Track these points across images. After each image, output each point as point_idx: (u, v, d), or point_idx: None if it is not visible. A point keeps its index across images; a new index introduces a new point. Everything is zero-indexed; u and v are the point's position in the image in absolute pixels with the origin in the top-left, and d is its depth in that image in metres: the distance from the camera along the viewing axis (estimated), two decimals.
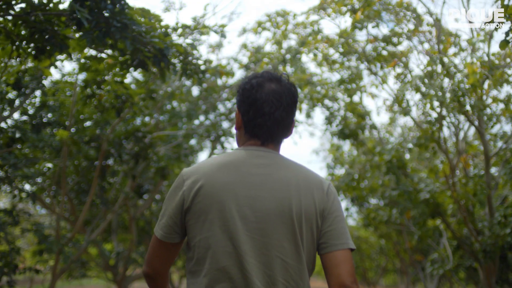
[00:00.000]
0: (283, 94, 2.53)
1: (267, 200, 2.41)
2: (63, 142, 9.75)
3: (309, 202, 2.45)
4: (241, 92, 2.59)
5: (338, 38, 10.79)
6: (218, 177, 2.43)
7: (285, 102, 2.54)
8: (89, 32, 6.19)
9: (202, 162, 2.57)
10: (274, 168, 2.50)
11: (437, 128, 9.90)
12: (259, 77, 2.58)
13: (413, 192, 10.84)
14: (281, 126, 2.56)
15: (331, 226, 2.48)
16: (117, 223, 15.88)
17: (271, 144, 2.59)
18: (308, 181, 2.51)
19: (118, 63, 7.29)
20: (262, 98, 2.51)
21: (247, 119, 2.56)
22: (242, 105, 2.57)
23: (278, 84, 2.56)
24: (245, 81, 2.61)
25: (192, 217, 2.44)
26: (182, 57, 7.90)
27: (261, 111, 2.51)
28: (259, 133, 2.55)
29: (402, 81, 10.51)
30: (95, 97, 8.22)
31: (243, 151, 2.55)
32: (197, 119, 15.08)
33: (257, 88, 2.54)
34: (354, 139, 12.81)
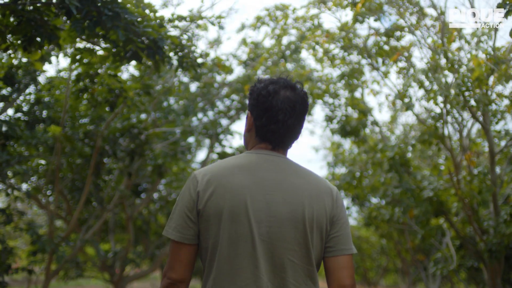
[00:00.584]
0: (296, 103, 2.61)
1: (281, 204, 2.48)
2: (56, 139, 9.48)
3: (320, 208, 2.56)
4: (256, 97, 2.65)
5: (339, 32, 10.51)
6: (232, 180, 2.49)
7: (298, 110, 2.62)
8: (79, 21, 5.92)
9: (214, 164, 2.62)
10: (288, 173, 2.58)
11: (441, 124, 9.63)
12: (275, 84, 2.64)
13: (416, 190, 10.61)
14: (292, 133, 2.65)
15: (339, 231, 2.60)
16: (115, 223, 15.66)
17: (281, 149, 2.68)
18: (319, 188, 2.61)
19: (111, 55, 7.01)
20: (278, 106, 2.58)
21: (260, 124, 2.64)
22: (256, 109, 2.65)
23: (292, 92, 2.63)
24: (261, 86, 2.66)
25: (207, 219, 2.48)
26: (178, 50, 7.63)
27: (275, 118, 2.59)
28: (271, 139, 2.64)
29: (405, 76, 10.25)
30: (87, 91, 7.95)
31: (255, 155, 2.64)
32: (195, 116, 14.84)
33: (273, 95, 2.60)
34: (355, 136, 12.54)
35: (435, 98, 8.69)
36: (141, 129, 10.84)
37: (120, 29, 6.01)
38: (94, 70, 7.82)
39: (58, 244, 10.01)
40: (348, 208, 18.38)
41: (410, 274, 18.98)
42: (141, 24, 6.25)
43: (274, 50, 13.21)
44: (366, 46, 10.80)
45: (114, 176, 12.68)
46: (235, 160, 2.60)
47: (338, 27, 10.61)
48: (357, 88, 12.01)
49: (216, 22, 7.83)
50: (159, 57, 7.11)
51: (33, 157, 10.33)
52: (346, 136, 12.58)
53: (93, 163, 9.75)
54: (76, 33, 6.61)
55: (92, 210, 12.86)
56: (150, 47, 6.90)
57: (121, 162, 11.74)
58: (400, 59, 10.19)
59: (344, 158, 18.00)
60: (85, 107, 10.53)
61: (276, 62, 13.56)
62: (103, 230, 15.76)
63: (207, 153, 16.13)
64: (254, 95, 2.66)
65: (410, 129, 14.24)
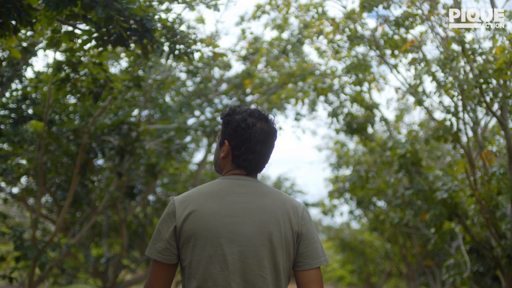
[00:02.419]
0: (269, 134, 2.94)
1: (250, 225, 2.77)
2: (39, 135, 8.75)
3: (287, 226, 2.82)
4: (235, 128, 2.92)
5: (345, 19, 9.77)
6: (205, 206, 2.79)
7: (271, 140, 2.96)
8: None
9: (192, 191, 2.90)
10: (256, 196, 2.86)
11: (456, 119, 8.92)
12: (252, 117, 2.92)
13: (429, 191, 9.90)
14: (265, 160, 2.99)
15: (306, 247, 2.86)
16: (108, 226, 14.99)
17: (254, 174, 2.99)
18: (286, 207, 2.86)
19: (93, 39, 6.26)
20: (256, 138, 2.89)
21: (238, 153, 2.93)
22: (234, 139, 2.93)
23: (266, 124, 2.95)
24: (239, 118, 2.92)
25: (183, 241, 2.79)
26: (170, 35, 6.88)
27: (253, 149, 2.90)
28: (247, 166, 2.94)
29: (417, 68, 9.55)
30: (70, 81, 7.20)
31: (228, 181, 2.92)
32: (192, 114, 14.21)
33: (252, 128, 2.90)
34: (362, 134, 11.83)
35: (452, 89, 8.00)
36: (131, 124, 10.09)
37: (100, 5, 5.26)
38: (76, 58, 7.08)
39: (42, 250, 9.27)
40: (352, 211, 17.81)
41: (415, 279, 18.34)
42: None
43: (275, 42, 12.54)
44: (375, 36, 10.09)
45: (104, 176, 11.95)
46: (209, 187, 2.89)
47: (344, 14, 9.88)
48: (363, 82, 11.26)
49: (212, 5, 7.08)
50: (148, 41, 6.37)
51: (14, 155, 9.61)
52: (352, 134, 11.88)
53: (79, 162, 8.99)
54: (53, 13, 5.87)
55: (81, 212, 12.14)
56: (137, 29, 6.16)
57: (110, 161, 11.01)
58: (411, 49, 9.48)
59: (349, 159, 17.33)
60: (74, 103, 9.83)
61: (277, 56, 12.91)
62: (96, 234, 15.11)
63: (205, 153, 15.56)
64: (233, 125, 2.93)
65: (422, 125, 13.53)
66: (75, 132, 9.55)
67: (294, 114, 14.34)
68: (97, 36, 6.21)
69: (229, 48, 14.73)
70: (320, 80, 10.99)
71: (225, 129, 2.98)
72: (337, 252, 26.67)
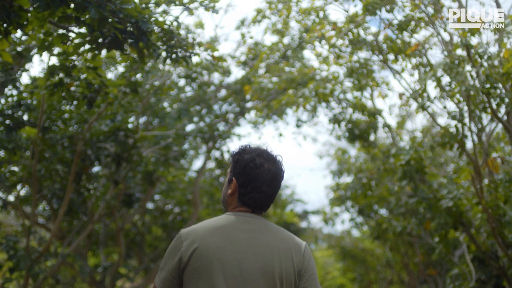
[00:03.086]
0: (276, 175, 3.05)
1: (252, 261, 2.87)
2: (33, 142, 8.51)
3: (288, 263, 2.93)
4: (243, 168, 3.03)
5: (347, 23, 9.54)
6: (211, 241, 2.87)
7: (277, 181, 3.07)
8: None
9: (198, 225, 3.00)
10: (260, 233, 2.96)
11: (462, 125, 8.69)
12: (260, 157, 3.04)
13: (433, 199, 9.67)
14: (270, 200, 3.09)
15: (306, 283, 2.97)
16: (106, 234, 14.77)
17: (259, 212, 3.07)
18: (288, 245, 2.98)
19: (86, 42, 6.02)
20: (262, 178, 3.00)
21: (245, 192, 3.03)
22: (241, 178, 3.04)
23: (274, 165, 3.06)
24: (248, 157, 3.04)
25: (188, 274, 2.88)
26: (166, 39, 6.64)
27: (259, 189, 3.01)
28: (253, 205, 3.04)
29: (421, 73, 9.33)
30: (63, 86, 6.95)
31: (233, 217, 3.01)
32: (190, 121, 14.00)
33: (260, 168, 3.00)
34: (364, 141, 11.59)
35: (459, 93, 7.79)
36: (128, 131, 9.84)
37: (92, 6, 5.02)
38: (70, 62, 6.83)
39: (36, 260, 9.02)
40: (352, 219, 17.59)
41: None
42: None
43: (276, 47, 12.33)
44: (377, 41, 9.86)
45: (100, 184, 11.70)
46: (215, 221, 2.98)
47: (346, 17, 9.65)
48: (366, 87, 11.03)
49: (210, 7, 6.83)
50: (143, 44, 6.13)
51: (7, 162, 9.39)
52: (354, 140, 11.64)
53: (74, 170, 8.74)
54: (44, 15, 5.63)
55: (77, 221, 11.90)
56: (132, 32, 5.92)
57: (106, 168, 10.77)
58: (416, 53, 9.26)
59: (350, 167, 17.11)
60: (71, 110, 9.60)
61: (277, 61, 12.68)
62: (93, 243, 14.88)
63: (204, 160, 15.36)
64: (242, 164, 3.04)
65: (426, 132, 13.30)
66: (70, 139, 9.31)
67: (295, 120, 14.15)
68: (91, 38, 5.97)
69: (229, 54, 14.56)
70: (322, 85, 10.76)
71: (234, 167, 3.09)
72: (337, 260, 26.49)
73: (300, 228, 26.25)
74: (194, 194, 15.19)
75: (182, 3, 6.70)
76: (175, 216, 17.20)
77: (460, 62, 7.85)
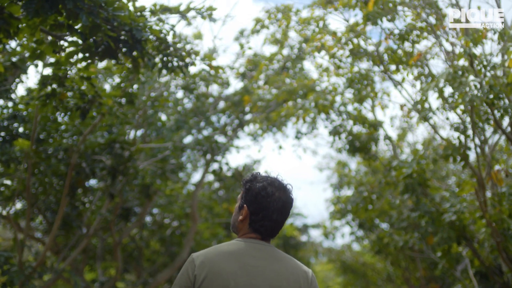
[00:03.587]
0: (287, 203, 3.17)
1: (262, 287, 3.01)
2: (26, 155, 8.31)
3: None
4: (255, 196, 3.14)
5: (347, 32, 9.38)
6: (223, 266, 2.98)
7: (287, 209, 3.19)
8: (32, 2, 4.73)
9: (210, 249, 3.10)
10: (270, 260, 3.09)
11: (465, 137, 8.52)
12: (272, 186, 3.15)
13: (436, 213, 9.49)
14: (280, 227, 3.21)
15: None
16: (103, 249, 14.56)
17: (268, 239, 3.20)
18: (297, 273, 3.11)
19: (79, 51, 5.84)
20: (273, 207, 3.11)
21: (256, 219, 3.14)
22: (253, 205, 3.14)
23: (284, 193, 3.17)
24: (260, 186, 3.15)
25: None
26: (163, 48, 6.46)
27: (270, 217, 3.13)
28: (263, 232, 3.15)
29: (423, 83, 9.18)
30: (56, 97, 6.76)
31: (244, 243, 3.11)
32: (188, 133, 13.82)
33: (271, 197, 3.12)
34: (365, 153, 11.40)
35: (462, 104, 7.62)
36: (123, 143, 9.64)
37: (84, 13, 4.83)
38: (63, 72, 6.65)
39: (29, 276, 8.80)
40: (353, 233, 17.42)
41: None
42: (110, 5, 5.05)
43: (275, 58, 12.18)
44: (378, 51, 9.70)
45: (96, 197, 11.50)
46: (227, 247, 3.07)
47: (346, 27, 9.49)
48: (366, 98, 10.86)
49: (207, 15, 6.66)
50: (138, 53, 5.95)
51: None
52: (355, 153, 11.46)
53: (68, 183, 8.54)
54: (35, 22, 5.46)
55: (73, 235, 11.69)
56: (127, 41, 5.74)
57: (102, 181, 10.56)
58: (417, 64, 9.09)
59: (350, 180, 16.93)
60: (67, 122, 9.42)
61: (277, 72, 12.52)
62: (90, 257, 14.66)
63: (203, 173, 15.19)
64: (253, 193, 3.14)
65: (428, 144, 13.12)
66: (65, 151, 9.11)
67: (295, 132, 13.97)
68: (84, 47, 5.80)
69: (228, 65, 14.41)
70: (322, 97, 10.59)
71: (246, 195, 3.18)
72: (338, 275, 26.28)
73: (300, 242, 26.08)
74: (193, 208, 15.03)
75: (178, 11, 6.54)
76: (174, 230, 17.03)
77: (463, 72, 7.68)
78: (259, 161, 18.38)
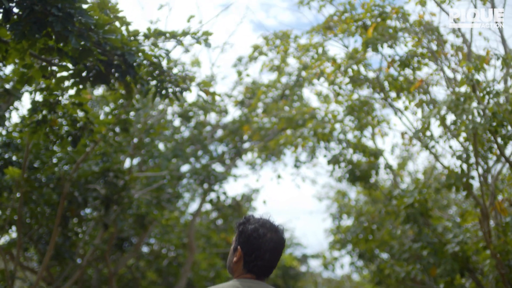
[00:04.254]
0: (279, 244, 3.29)
1: None
2: (16, 183, 8.09)
3: None
4: (248, 237, 3.26)
5: (347, 60, 9.22)
6: None
7: (279, 249, 3.31)
8: (19, 24, 4.54)
9: None
10: None
11: (468, 165, 8.32)
12: (263, 227, 3.27)
13: (438, 243, 9.25)
14: (273, 266, 3.32)
15: None
16: (98, 279, 14.28)
17: (262, 278, 3.32)
18: None
19: (70, 76, 5.65)
20: (266, 247, 3.23)
21: (249, 260, 3.26)
22: (246, 247, 3.26)
23: (276, 234, 3.30)
24: (252, 228, 3.27)
25: None
26: (157, 74, 6.27)
27: (262, 257, 3.24)
28: (257, 271, 3.27)
29: (424, 111, 9.03)
30: (46, 123, 6.55)
31: (239, 283, 3.22)
32: (186, 162, 13.63)
33: (263, 238, 3.24)
34: (365, 182, 11.19)
35: (465, 132, 7.44)
36: (117, 172, 9.43)
37: (73, 35, 4.64)
38: (54, 98, 6.45)
39: None
40: (353, 263, 17.16)
41: None
42: (101, 28, 4.86)
43: (273, 85, 12.04)
44: (378, 78, 9.55)
45: (90, 227, 11.26)
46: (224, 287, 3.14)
47: (346, 53, 9.33)
48: (366, 126, 10.68)
49: (203, 40, 6.48)
50: (131, 78, 5.75)
51: None
52: (355, 182, 11.24)
53: (60, 213, 8.29)
54: (24, 46, 5.27)
55: (65, 266, 11.44)
56: (119, 65, 5.55)
57: (96, 211, 10.33)
58: (419, 91, 8.94)
59: (350, 209, 16.70)
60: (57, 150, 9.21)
61: (276, 99, 12.37)
62: (86, 287, 14.39)
63: (200, 203, 15.00)
64: (246, 235, 3.24)
65: (430, 173, 12.92)
66: (58, 180, 8.89)
67: (294, 161, 13.77)
68: (74, 72, 5.60)
69: (226, 93, 14.27)
70: (321, 125, 10.42)
71: (239, 237, 3.28)
72: None
73: (299, 272, 25.84)
74: (190, 238, 14.82)
75: (173, 35, 6.36)
76: (171, 260, 16.80)
77: (466, 99, 7.51)
78: (257, 191, 18.22)
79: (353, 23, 8.97)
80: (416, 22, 8.95)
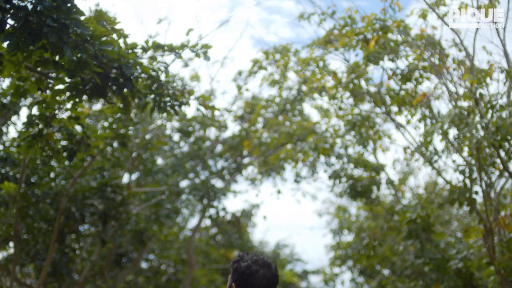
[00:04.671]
0: (271, 280, 3.39)
1: None
2: (12, 199, 7.97)
3: None
4: (241, 274, 3.38)
5: (348, 73, 9.12)
6: None
7: (273, 285, 3.40)
8: (13, 34, 4.44)
9: None
10: None
11: (471, 180, 8.20)
12: (256, 264, 3.40)
13: (441, 259, 9.10)
14: None
15: None
16: None
17: None
18: None
19: (66, 88, 5.54)
20: (258, 284, 3.35)
21: None
22: (240, 283, 3.38)
23: (269, 270, 3.41)
24: (245, 265, 3.40)
25: None
26: (155, 88, 6.16)
27: None
28: None
29: (426, 125, 8.92)
30: (42, 137, 6.44)
31: None
32: (186, 177, 13.52)
33: (255, 275, 3.36)
34: (366, 198, 11.05)
35: (468, 146, 7.33)
36: (115, 187, 9.30)
37: (68, 46, 4.53)
38: (50, 112, 6.34)
39: None
40: (353, 279, 16.98)
41: None
42: (97, 40, 4.75)
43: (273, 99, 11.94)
44: (380, 92, 9.44)
45: (87, 243, 11.12)
46: None
47: (347, 67, 9.23)
48: (368, 140, 10.56)
49: (202, 52, 6.38)
50: (128, 91, 5.64)
51: None
52: (356, 197, 11.10)
53: (57, 228, 8.17)
54: (19, 58, 5.16)
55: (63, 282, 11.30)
56: (116, 78, 5.44)
57: (93, 227, 10.20)
58: (421, 105, 8.84)
59: (350, 225, 16.57)
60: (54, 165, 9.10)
61: (276, 114, 12.26)
62: None
63: (199, 218, 14.87)
64: (239, 272, 3.37)
65: (433, 188, 12.79)
66: (54, 195, 8.77)
67: (294, 176, 13.66)
68: (71, 85, 5.49)
69: (225, 108, 14.18)
70: (321, 139, 10.30)
71: (233, 274, 3.41)
72: None
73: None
74: (189, 254, 14.69)
75: (171, 48, 6.26)
76: (169, 276, 16.63)
77: (469, 113, 7.41)
78: (257, 206, 18.10)
79: (354, 37, 8.88)
80: (418, 36, 8.88)
